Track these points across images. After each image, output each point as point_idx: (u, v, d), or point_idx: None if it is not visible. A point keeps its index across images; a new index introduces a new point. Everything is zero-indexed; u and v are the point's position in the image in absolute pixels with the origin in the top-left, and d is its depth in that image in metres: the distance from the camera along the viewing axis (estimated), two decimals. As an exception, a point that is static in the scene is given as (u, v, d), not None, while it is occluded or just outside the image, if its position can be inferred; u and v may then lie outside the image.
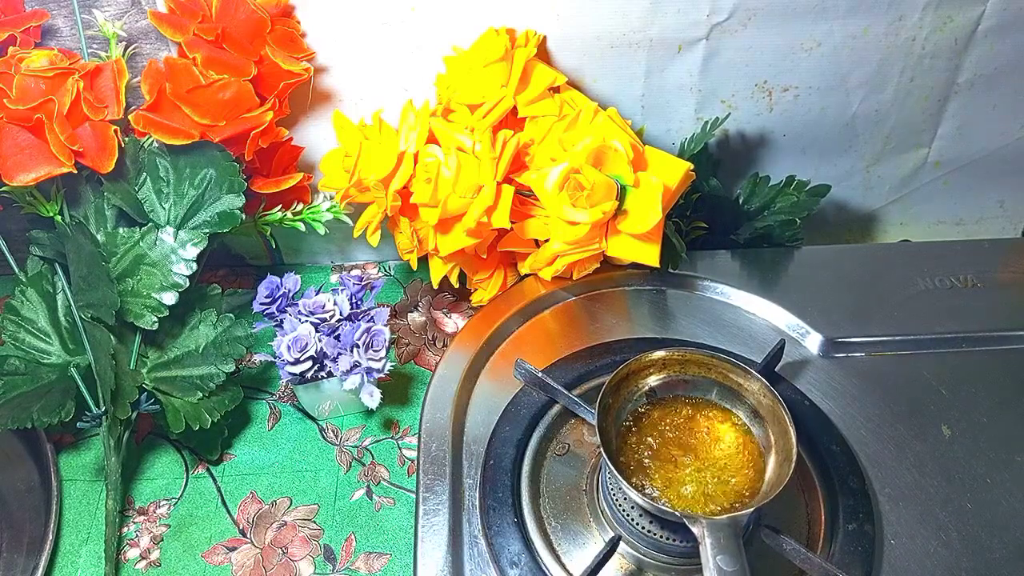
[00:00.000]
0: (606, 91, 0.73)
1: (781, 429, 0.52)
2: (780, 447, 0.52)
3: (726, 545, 0.47)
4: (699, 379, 0.56)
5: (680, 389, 0.57)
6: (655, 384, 0.57)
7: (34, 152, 0.61)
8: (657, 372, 0.57)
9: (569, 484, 0.59)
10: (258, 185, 0.70)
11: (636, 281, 0.73)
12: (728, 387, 0.56)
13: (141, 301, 0.64)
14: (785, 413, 0.52)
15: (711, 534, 0.47)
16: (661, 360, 0.56)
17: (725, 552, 0.46)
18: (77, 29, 0.67)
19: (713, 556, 0.46)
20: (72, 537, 0.63)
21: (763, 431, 0.54)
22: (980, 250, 0.77)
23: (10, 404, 0.61)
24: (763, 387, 0.54)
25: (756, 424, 0.54)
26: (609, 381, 0.54)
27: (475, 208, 0.64)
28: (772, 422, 0.53)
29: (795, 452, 0.50)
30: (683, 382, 0.57)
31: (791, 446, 0.50)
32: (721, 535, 0.47)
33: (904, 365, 0.67)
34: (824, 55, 0.71)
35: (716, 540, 0.47)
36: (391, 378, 0.72)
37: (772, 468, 0.52)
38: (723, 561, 0.46)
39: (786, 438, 0.51)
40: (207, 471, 0.67)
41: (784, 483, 0.49)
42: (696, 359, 0.56)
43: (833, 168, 0.79)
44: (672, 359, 0.56)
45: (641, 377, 0.57)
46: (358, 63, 0.71)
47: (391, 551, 0.62)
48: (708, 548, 0.47)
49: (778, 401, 0.52)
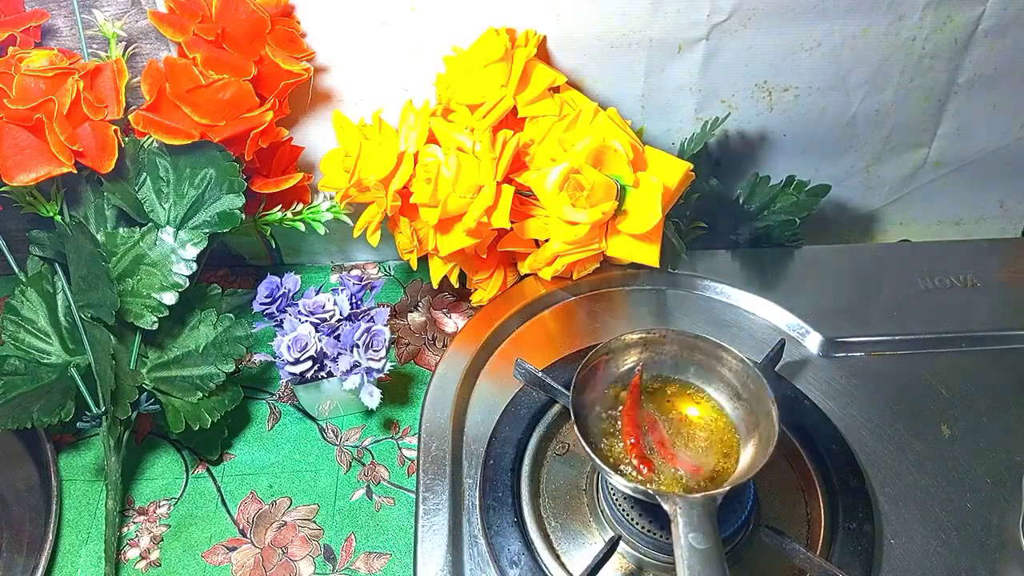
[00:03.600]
0: (606, 91, 0.73)
1: (764, 410, 0.51)
2: (763, 428, 0.51)
3: (699, 524, 0.46)
4: (680, 361, 0.56)
5: (660, 371, 0.57)
6: (633, 365, 0.56)
7: (34, 152, 0.61)
8: (637, 353, 0.56)
9: (569, 484, 0.59)
10: (258, 185, 0.70)
11: (636, 281, 0.73)
12: (709, 369, 0.55)
13: (141, 301, 0.64)
14: (768, 393, 0.51)
15: (684, 513, 0.46)
16: (642, 341, 0.56)
17: (698, 531, 0.46)
18: (77, 29, 0.67)
19: (685, 534, 0.45)
20: (72, 537, 0.63)
21: (745, 413, 0.53)
22: (980, 250, 0.77)
23: (10, 404, 0.61)
24: (746, 368, 0.53)
25: (738, 405, 0.54)
26: (587, 360, 0.54)
27: (475, 208, 0.64)
28: (755, 401, 0.53)
29: (776, 431, 0.49)
30: (662, 364, 0.56)
31: (773, 426, 0.50)
32: (694, 513, 0.46)
33: (904, 365, 0.67)
34: (824, 55, 0.71)
35: (689, 519, 0.46)
36: (391, 378, 0.72)
37: (752, 449, 0.52)
38: (695, 539, 0.45)
39: (768, 419, 0.50)
40: (207, 471, 0.67)
41: (762, 463, 0.48)
42: (677, 339, 0.56)
43: (833, 168, 0.79)
44: (652, 339, 0.56)
45: (622, 358, 0.56)
46: (358, 63, 0.71)
47: (391, 551, 0.62)
48: (680, 526, 0.46)
49: (761, 378, 0.52)
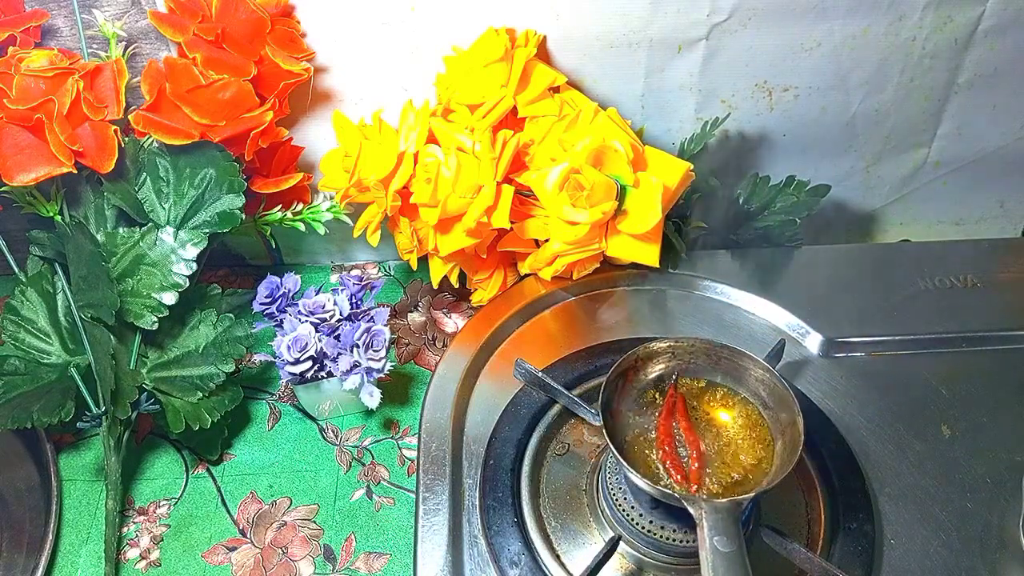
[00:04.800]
0: (606, 91, 0.73)
1: (789, 417, 0.52)
2: (788, 435, 0.51)
3: (724, 527, 0.46)
4: (706, 367, 0.56)
5: (686, 377, 0.57)
6: (662, 372, 0.56)
7: (34, 152, 0.61)
8: (665, 361, 0.56)
9: (569, 484, 0.59)
10: (258, 185, 0.70)
11: (636, 281, 0.73)
12: (735, 376, 0.56)
13: (141, 301, 0.64)
14: (794, 400, 0.51)
15: (709, 516, 0.47)
16: (670, 349, 0.56)
17: (723, 534, 0.46)
18: (77, 29, 0.67)
19: (710, 537, 0.46)
20: (72, 537, 0.63)
21: (771, 419, 0.54)
22: (980, 250, 0.77)
23: (10, 404, 0.61)
24: (771, 375, 0.54)
25: (766, 414, 0.54)
26: (616, 367, 0.54)
27: (475, 208, 0.64)
28: (780, 409, 0.53)
29: (802, 440, 0.49)
30: (690, 372, 0.57)
31: (799, 433, 0.50)
32: (719, 516, 0.47)
33: (904, 365, 0.67)
34: (824, 55, 0.71)
35: (714, 522, 0.47)
36: (391, 378, 0.72)
37: (777, 455, 0.52)
38: (720, 543, 0.46)
39: (794, 427, 0.51)
40: (207, 471, 0.67)
41: (788, 470, 0.48)
42: (704, 348, 0.56)
43: (833, 168, 0.79)
44: (680, 348, 0.56)
45: (649, 365, 0.56)
46: (358, 63, 0.71)
47: (391, 551, 0.62)
48: (706, 529, 0.46)
49: (787, 388, 0.52)
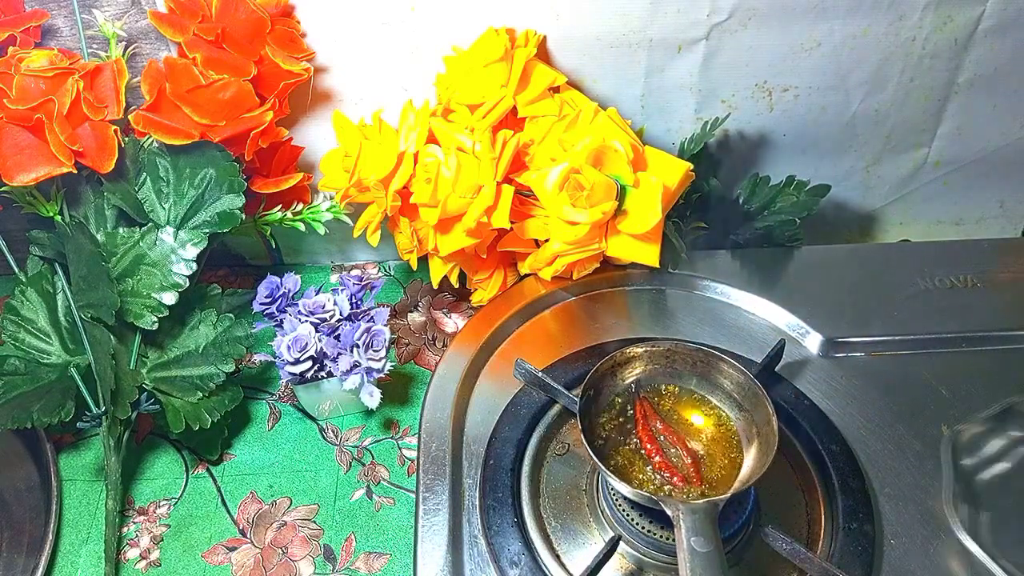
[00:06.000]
0: (606, 91, 0.73)
1: (764, 419, 0.53)
2: (763, 437, 0.52)
3: (701, 528, 0.47)
4: (682, 372, 0.57)
5: (663, 381, 0.58)
6: (639, 377, 0.57)
7: (34, 152, 0.61)
8: (642, 365, 0.57)
9: (569, 484, 0.59)
10: (258, 185, 0.70)
11: (636, 281, 0.73)
12: (710, 379, 0.57)
13: (141, 301, 0.64)
14: (768, 404, 0.53)
15: (686, 517, 0.48)
16: (647, 354, 0.57)
17: (700, 535, 0.47)
18: (77, 29, 0.67)
19: (687, 538, 0.47)
20: (72, 537, 0.63)
21: (746, 422, 0.55)
22: (980, 250, 0.77)
23: (10, 404, 0.61)
24: (746, 377, 0.55)
25: (740, 416, 0.55)
26: (592, 373, 0.55)
27: (475, 208, 0.64)
28: (755, 412, 0.54)
29: (776, 440, 0.50)
30: (666, 375, 0.58)
31: (773, 435, 0.51)
32: (696, 518, 0.48)
33: (904, 365, 0.67)
34: (824, 55, 0.71)
35: (691, 523, 0.48)
36: (391, 378, 0.72)
37: (753, 456, 0.53)
38: (697, 543, 0.47)
39: (768, 427, 0.52)
40: (207, 471, 0.67)
41: (762, 472, 0.49)
42: (681, 352, 0.57)
43: (833, 168, 0.79)
44: (657, 352, 0.57)
45: (626, 370, 0.57)
46: (358, 63, 0.71)
47: (391, 551, 0.62)
48: (683, 531, 0.47)
49: (760, 392, 0.53)
